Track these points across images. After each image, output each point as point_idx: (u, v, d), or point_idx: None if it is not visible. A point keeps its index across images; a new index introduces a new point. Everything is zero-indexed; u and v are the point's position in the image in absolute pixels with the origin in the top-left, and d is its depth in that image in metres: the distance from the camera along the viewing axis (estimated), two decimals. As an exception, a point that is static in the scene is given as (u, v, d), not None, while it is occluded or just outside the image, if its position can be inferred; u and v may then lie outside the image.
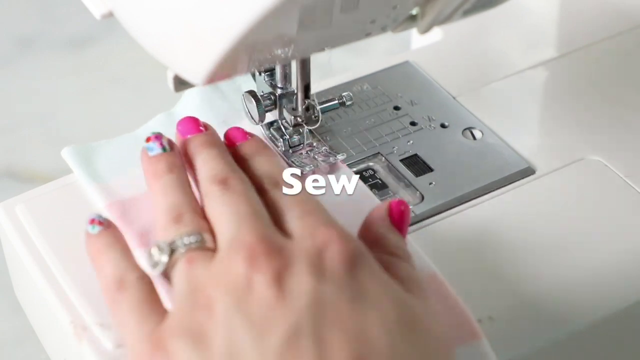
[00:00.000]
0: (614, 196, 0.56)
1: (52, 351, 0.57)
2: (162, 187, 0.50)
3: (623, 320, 0.52)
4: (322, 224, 0.46)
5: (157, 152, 0.51)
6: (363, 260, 0.45)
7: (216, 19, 0.43)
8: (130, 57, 0.89)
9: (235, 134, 0.53)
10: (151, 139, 0.51)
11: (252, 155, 0.52)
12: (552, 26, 0.70)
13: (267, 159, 0.52)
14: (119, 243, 0.49)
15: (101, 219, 0.50)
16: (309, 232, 0.46)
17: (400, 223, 0.50)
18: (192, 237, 0.47)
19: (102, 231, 0.49)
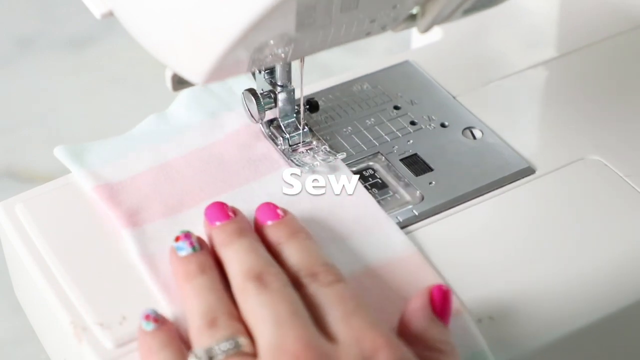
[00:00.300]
0: (614, 196, 0.56)
1: (52, 351, 0.57)
2: (194, 289, 0.47)
3: (623, 320, 0.52)
4: (368, 328, 0.44)
5: (187, 253, 0.49)
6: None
7: (216, 19, 0.43)
8: (130, 57, 0.89)
9: (265, 212, 0.51)
10: (180, 238, 0.49)
11: (286, 240, 0.49)
12: (552, 26, 0.70)
13: (301, 244, 0.49)
14: (173, 344, 0.47)
15: (157, 316, 0.48)
16: (355, 337, 0.44)
17: (443, 312, 0.47)
18: (229, 342, 0.45)
19: (156, 330, 0.47)
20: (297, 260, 0.48)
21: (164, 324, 0.48)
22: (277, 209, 0.51)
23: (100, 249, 0.53)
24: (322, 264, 0.48)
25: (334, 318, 0.45)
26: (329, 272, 0.47)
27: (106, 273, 0.52)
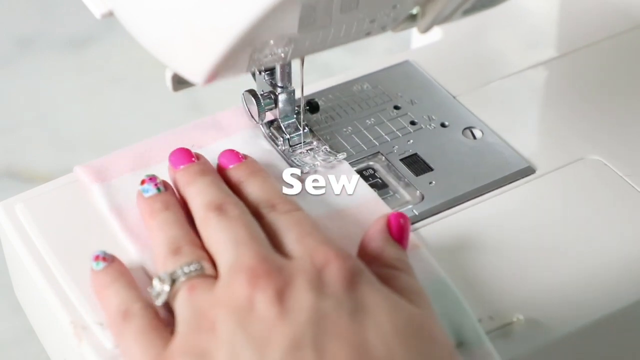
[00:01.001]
0: (614, 196, 0.56)
1: (52, 351, 0.57)
2: (158, 224, 0.51)
3: (623, 320, 0.52)
4: (320, 243, 0.47)
5: (152, 193, 0.52)
6: (361, 276, 0.46)
7: (216, 18, 0.43)
8: (130, 57, 0.89)
9: (227, 157, 0.54)
10: (146, 181, 0.52)
11: (246, 179, 0.52)
12: (552, 26, 0.70)
13: (261, 181, 0.52)
14: (124, 276, 0.50)
15: (106, 255, 0.50)
16: (308, 253, 0.47)
17: (400, 236, 0.50)
18: (192, 265, 0.47)
19: (106, 267, 0.50)
20: (257, 195, 0.51)
21: (113, 261, 0.50)
22: (239, 154, 0.54)
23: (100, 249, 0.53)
24: (280, 196, 0.51)
25: (290, 239, 0.48)
26: (286, 202, 0.51)
27: (106, 273, 0.52)
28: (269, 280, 0.45)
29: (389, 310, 0.45)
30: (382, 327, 0.44)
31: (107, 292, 0.49)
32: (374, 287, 0.46)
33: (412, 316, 0.45)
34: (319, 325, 0.43)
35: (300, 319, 0.44)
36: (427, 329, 0.45)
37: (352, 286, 0.45)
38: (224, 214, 0.49)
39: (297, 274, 0.45)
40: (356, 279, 0.45)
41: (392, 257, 0.49)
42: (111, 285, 0.49)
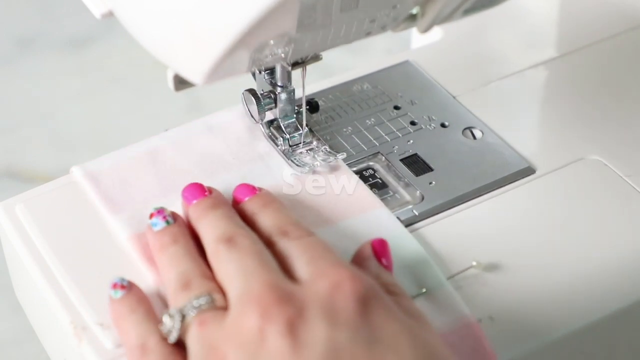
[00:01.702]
0: (614, 196, 0.56)
1: (52, 351, 0.57)
2: (168, 258, 0.50)
3: (623, 320, 0.52)
4: (332, 265, 0.46)
5: (161, 227, 0.51)
6: (376, 298, 0.44)
7: (216, 18, 0.43)
8: (130, 57, 0.89)
9: (242, 190, 0.53)
10: (154, 214, 0.51)
11: (260, 210, 0.51)
12: (552, 26, 0.70)
13: (274, 210, 0.51)
14: (141, 305, 0.49)
15: (124, 283, 0.49)
16: (319, 275, 0.45)
17: (386, 260, 0.50)
18: (202, 299, 0.46)
19: (124, 296, 0.49)
20: (269, 224, 0.50)
21: (131, 289, 0.49)
22: (253, 187, 0.53)
23: (100, 249, 0.53)
24: (293, 222, 0.50)
25: (301, 264, 0.47)
26: (298, 228, 0.50)
27: (106, 273, 0.52)
28: (280, 310, 0.43)
29: (407, 339, 0.43)
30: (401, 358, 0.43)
31: (125, 324, 0.48)
32: (390, 312, 0.44)
33: (427, 341, 0.44)
34: (335, 359, 0.42)
35: (315, 354, 0.42)
36: (439, 352, 0.44)
37: (366, 311, 0.44)
38: (234, 245, 0.48)
39: (309, 301, 0.44)
40: (370, 302, 0.44)
41: (388, 283, 0.48)
42: (129, 317, 0.48)
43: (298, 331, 0.43)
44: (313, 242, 0.48)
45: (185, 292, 0.47)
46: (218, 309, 0.46)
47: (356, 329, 0.43)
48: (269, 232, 0.50)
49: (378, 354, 0.42)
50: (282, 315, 0.43)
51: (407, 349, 0.43)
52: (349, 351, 0.42)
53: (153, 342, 0.47)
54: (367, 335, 0.43)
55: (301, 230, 0.49)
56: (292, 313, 0.43)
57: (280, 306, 0.43)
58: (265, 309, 0.43)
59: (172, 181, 0.56)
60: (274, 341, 0.42)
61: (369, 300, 0.44)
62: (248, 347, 0.43)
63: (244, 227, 0.50)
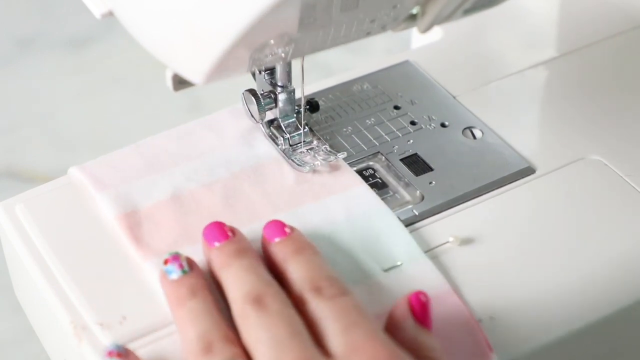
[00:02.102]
0: (614, 196, 0.56)
1: (52, 351, 0.57)
2: (187, 314, 0.46)
3: (623, 320, 0.52)
4: (367, 338, 0.43)
5: (177, 276, 0.48)
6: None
7: (216, 18, 0.43)
8: (130, 57, 0.89)
9: (272, 230, 0.49)
10: (169, 260, 0.48)
11: (291, 257, 0.48)
12: (552, 26, 0.70)
13: (306, 259, 0.48)
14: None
15: (120, 350, 0.47)
16: (353, 350, 0.43)
17: (424, 318, 0.47)
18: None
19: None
20: (302, 275, 0.47)
21: (128, 357, 0.47)
22: (285, 226, 0.50)
23: (100, 249, 0.53)
24: (327, 277, 0.47)
25: (334, 332, 0.44)
26: (332, 286, 0.46)
27: (106, 273, 0.52)
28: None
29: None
30: None
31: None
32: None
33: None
34: None
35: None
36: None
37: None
38: (264, 309, 0.45)
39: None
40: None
41: (427, 346, 0.46)
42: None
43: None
44: (347, 304, 0.45)
45: (207, 356, 0.45)
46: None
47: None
48: (300, 287, 0.46)
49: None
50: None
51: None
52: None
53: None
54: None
55: (335, 288, 0.46)
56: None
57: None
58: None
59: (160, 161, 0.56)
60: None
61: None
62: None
63: (273, 285, 0.47)
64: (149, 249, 0.52)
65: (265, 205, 0.54)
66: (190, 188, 0.55)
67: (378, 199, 0.55)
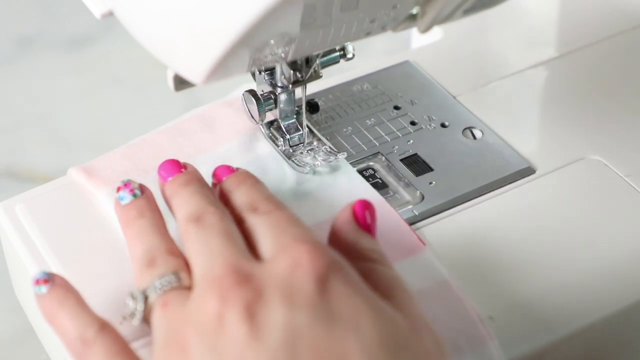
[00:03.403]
0: (614, 196, 0.56)
1: (52, 351, 0.57)
2: (134, 233, 0.49)
3: (623, 320, 0.52)
4: (293, 240, 0.45)
5: (128, 200, 0.50)
6: (336, 274, 0.43)
7: (216, 18, 0.43)
8: (130, 57, 0.89)
9: (221, 170, 0.52)
10: (121, 188, 0.51)
11: (235, 187, 0.50)
12: (552, 26, 0.70)
13: (249, 187, 0.50)
14: (71, 295, 0.47)
15: (45, 276, 0.48)
16: (280, 253, 0.44)
17: (367, 224, 0.48)
18: (165, 278, 0.46)
19: (50, 289, 0.47)
20: (242, 200, 0.49)
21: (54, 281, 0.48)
22: (231, 168, 0.52)
23: (100, 249, 0.53)
24: (264, 197, 0.49)
25: (265, 240, 0.46)
26: (269, 203, 0.48)
27: (106, 273, 0.52)
28: (238, 293, 0.42)
29: (369, 317, 0.42)
30: (363, 341, 0.41)
31: (58, 318, 0.47)
32: (353, 288, 0.43)
33: (394, 322, 0.42)
34: (294, 344, 0.41)
35: (274, 339, 0.41)
36: (411, 335, 0.42)
37: (326, 288, 0.42)
38: (202, 224, 0.47)
39: (268, 282, 0.43)
40: (331, 279, 0.43)
41: (366, 248, 0.47)
42: (60, 309, 0.47)
43: (256, 315, 0.42)
44: (280, 216, 0.47)
45: (149, 270, 0.47)
46: (183, 288, 0.45)
47: (315, 309, 0.42)
48: (240, 209, 0.49)
49: (338, 335, 0.41)
50: (241, 298, 0.42)
51: (369, 326, 0.41)
52: (308, 334, 0.41)
53: (92, 333, 0.46)
54: (327, 315, 0.42)
55: (271, 204, 0.48)
56: (250, 296, 0.42)
57: (238, 288, 0.42)
58: (224, 292, 0.43)
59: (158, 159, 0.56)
60: (233, 327, 0.42)
61: (328, 277, 0.43)
62: (207, 334, 0.42)
63: (215, 204, 0.49)
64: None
65: None
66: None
67: (381, 198, 0.55)
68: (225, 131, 0.59)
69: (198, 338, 0.42)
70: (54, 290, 0.47)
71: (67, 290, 0.48)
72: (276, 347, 0.41)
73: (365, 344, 0.41)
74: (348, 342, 0.41)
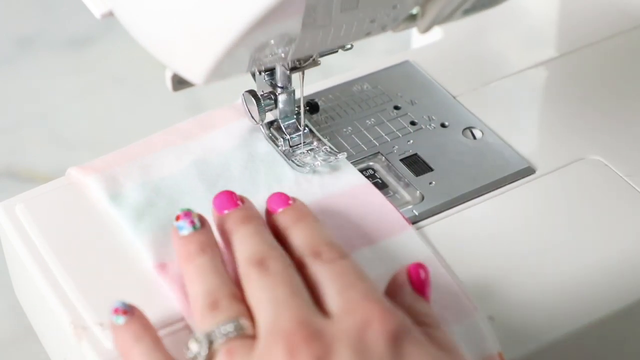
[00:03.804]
0: (614, 196, 0.56)
1: (52, 351, 0.57)
2: (195, 270, 0.48)
3: (623, 320, 0.52)
4: (363, 298, 0.44)
5: (188, 232, 0.49)
6: (408, 335, 0.44)
7: (216, 18, 0.43)
8: (130, 57, 0.89)
9: (276, 200, 0.51)
10: (181, 217, 0.49)
11: (293, 224, 0.49)
12: (552, 26, 0.70)
13: (307, 226, 0.49)
14: (148, 332, 0.47)
15: (125, 307, 0.47)
16: (349, 309, 0.44)
17: (421, 288, 0.48)
18: (230, 325, 0.45)
19: (128, 321, 0.47)
20: (302, 242, 0.48)
21: (134, 313, 0.47)
22: (288, 197, 0.51)
23: (101, 249, 0.53)
24: (326, 242, 0.48)
25: (332, 292, 0.45)
26: (332, 250, 0.48)
27: (106, 273, 0.52)
28: (308, 348, 0.42)
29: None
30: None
31: (133, 352, 0.46)
32: (421, 348, 0.43)
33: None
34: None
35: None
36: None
37: (397, 349, 0.43)
38: (266, 270, 0.46)
39: (338, 338, 0.43)
40: (401, 339, 0.43)
41: (421, 313, 0.47)
42: (136, 345, 0.46)
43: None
44: (345, 267, 0.47)
45: (213, 313, 0.46)
46: (246, 337, 0.45)
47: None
48: (301, 252, 0.48)
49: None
50: (311, 354, 0.42)
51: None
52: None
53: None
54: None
55: (334, 252, 0.48)
56: (320, 352, 0.42)
57: (309, 344, 0.42)
58: (293, 347, 0.42)
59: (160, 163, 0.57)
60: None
61: (399, 337, 0.43)
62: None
63: (276, 248, 0.48)
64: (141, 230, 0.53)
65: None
66: None
67: (383, 197, 0.55)
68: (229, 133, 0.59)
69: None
70: (133, 324, 0.47)
71: (145, 326, 0.47)
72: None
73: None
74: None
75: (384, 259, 0.52)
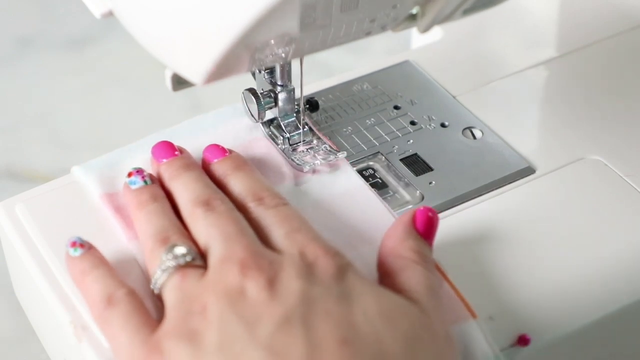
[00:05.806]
0: (614, 196, 0.56)
1: (52, 351, 0.57)
2: (146, 215, 0.50)
3: (623, 320, 0.52)
4: (310, 240, 0.47)
5: (139, 185, 0.52)
6: (351, 269, 0.47)
7: (216, 18, 0.43)
8: (130, 57, 0.89)
9: (212, 151, 0.54)
10: (133, 173, 0.52)
11: (231, 172, 0.52)
12: (552, 26, 0.70)
13: (246, 174, 0.52)
14: (103, 263, 0.49)
15: (82, 242, 0.50)
16: (298, 249, 0.47)
17: (426, 230, 0.50)
18: (182, 248, 0.47)
19: (84, 253, 0.50)
20: (243, 188, 0.51)
21: (90, 248, 0.50)
22: (224, 148, 0.53)
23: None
24: (267, 189, 0.51)
25: (279, 235, 0.48)
26: (273, 196, 0.50)
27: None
28: (260, 271, 0.45)
29: (375, 296, 0.45)
30: (368, 309, 0.44)
31: (87, 278, 0.49)
32: (362, 280, 0.46)
33: (399, 303, 0.46)
34: (308, 305, 0.44)
35: (290, 300, 0.44)
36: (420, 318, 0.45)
37: (340, 278, 0.46)
38: (212, 210, 0.49)
39: (288, 266, 0.46)
40: (344, 272, 0.46)
41: (411, 248, 0.49)
42: (91, 272, 0.49)
43: (276, 285, 0.45)
44: (289, 212, 0.49)
45: (164, 246, 0.48)
46: (197, 267, 0.47)
47: (329, 287, 0.45)
48: (243, 197, 0.51)
49: (347, 304, 0.44)
50: (262, 274, 0.45)
51: (374, 302, 0.45)
52: (320, 301, 0.44)
53: (120, 294, 0.47)
54: (339, 292, 0.45)
55: (276, 198, 0.50)
56: (271, 273, 0.45)
57: (260, 268, 0.45)
58: (246, 269, 0.45)
59: None
60: (254, 293, 0.44)
61: (344, 271, 0.46)
62: (228, 297, 0.44)
63: (219, 192, 0.51)
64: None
65: None
66: None
67: (379, 199, 0.55)
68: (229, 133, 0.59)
69: (218, 300, 0.44)
70: (89, 254, 0.50)
71: (99, 258, 0.50)
72: (292, 306, 0.44)
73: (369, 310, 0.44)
74: (354, 309, 0.44)
75: None
